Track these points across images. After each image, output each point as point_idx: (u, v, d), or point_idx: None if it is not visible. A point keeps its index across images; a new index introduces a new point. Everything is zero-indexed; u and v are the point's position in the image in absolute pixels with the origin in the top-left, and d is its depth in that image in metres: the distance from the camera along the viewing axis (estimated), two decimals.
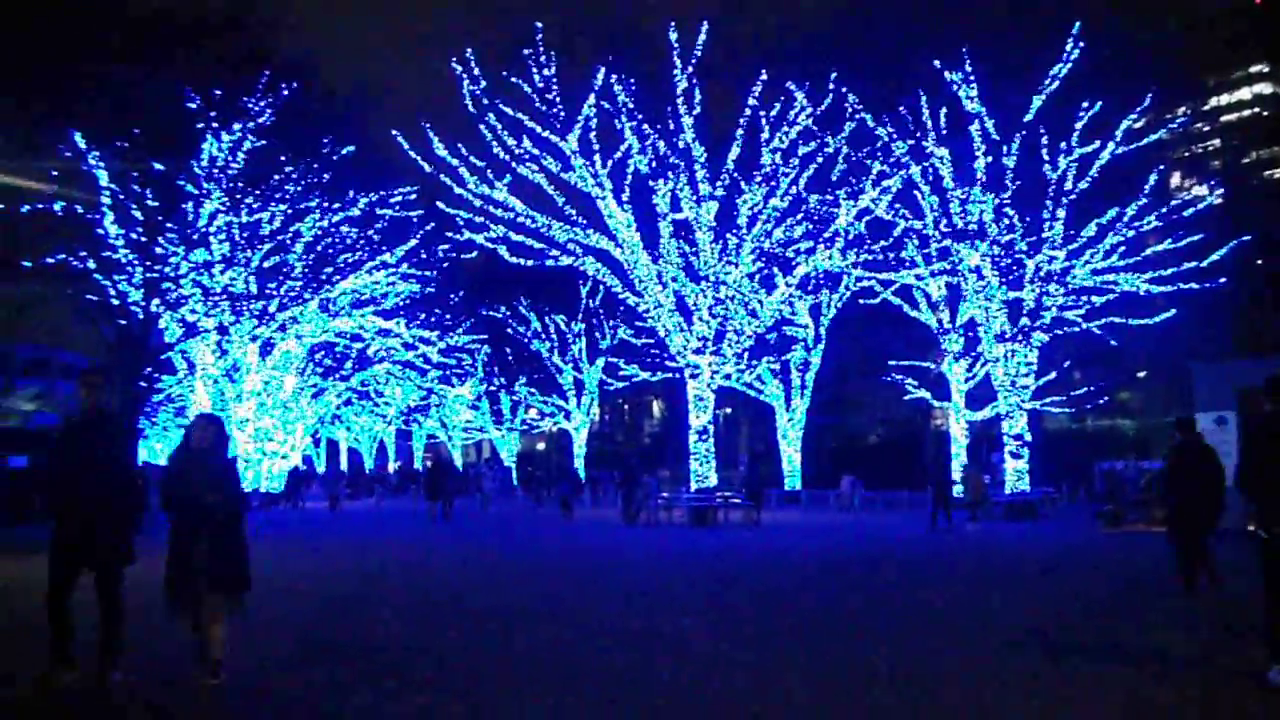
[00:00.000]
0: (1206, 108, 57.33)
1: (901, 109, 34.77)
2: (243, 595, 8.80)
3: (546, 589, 15.70)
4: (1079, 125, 33.90)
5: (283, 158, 40.03)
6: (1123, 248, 34.67)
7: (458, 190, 32.27)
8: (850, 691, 8.44)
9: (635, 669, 9.37)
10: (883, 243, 35.50)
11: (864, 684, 8.68)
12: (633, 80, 31.37)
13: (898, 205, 35.16)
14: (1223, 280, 34.30)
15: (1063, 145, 34.31)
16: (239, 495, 8.96)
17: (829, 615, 12.80)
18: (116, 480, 8.78)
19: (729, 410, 61.33)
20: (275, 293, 41.52)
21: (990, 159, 34.58)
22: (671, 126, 31.88)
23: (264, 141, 38.93)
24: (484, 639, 11.00)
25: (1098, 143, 34.03)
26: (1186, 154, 51.91)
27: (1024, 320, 34.88)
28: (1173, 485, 14.67)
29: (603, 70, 30.88)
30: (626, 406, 78.33)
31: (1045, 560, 19.86)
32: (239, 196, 39.44)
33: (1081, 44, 32.74)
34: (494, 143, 31.63)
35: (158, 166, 37.01)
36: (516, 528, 31.34)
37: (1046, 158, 34.39)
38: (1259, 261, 42.58)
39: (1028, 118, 33.90)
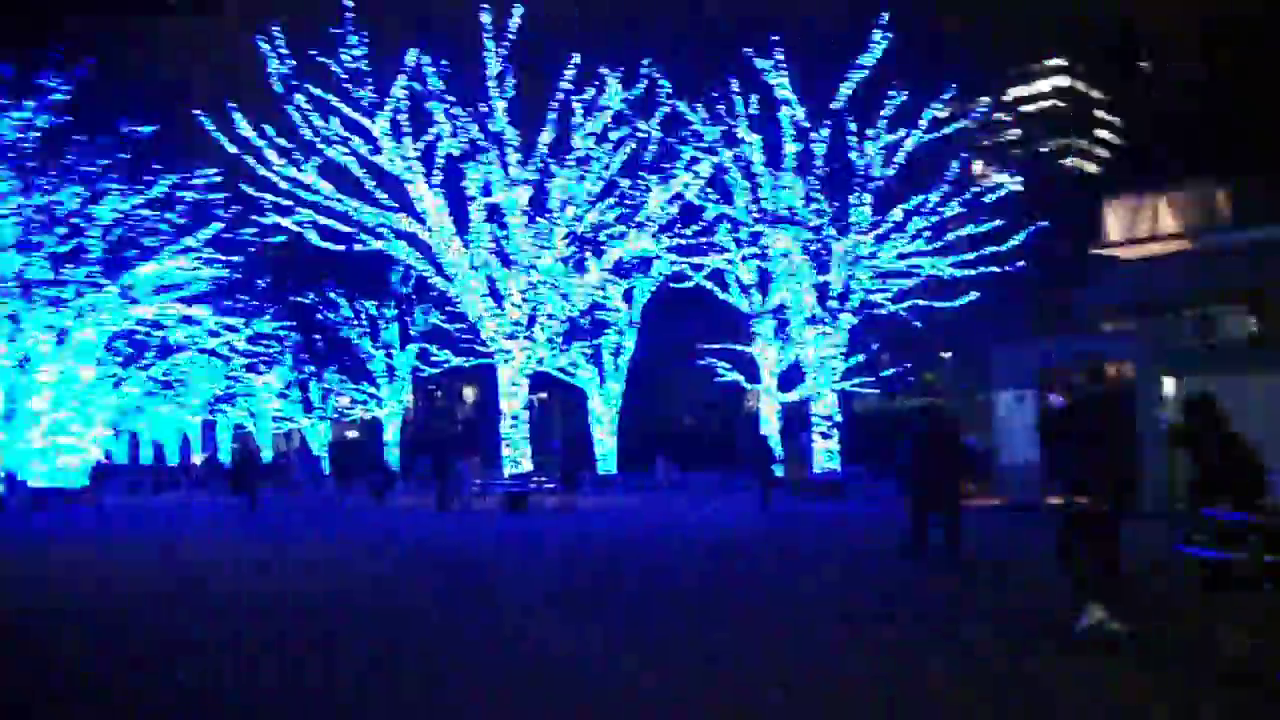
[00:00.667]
0: (1007, 98, 59.63)
1: (713, 94, 35.14)
2: None
3: (345, 582, 15.41)
4: (886, 113, 34.76)
5: (78, 137, 38.34)
6: (927, 232, 35.66)
7: (263, 172, 31.29)
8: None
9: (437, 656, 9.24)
10: (695, 227, 35.79)
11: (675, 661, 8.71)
12: (445, 62, 30.90)
13: (709, 190, 35.50)
14: (1021, 264, 35.57)
15: (870, 132, 35.12)
16: None
17: (642, 596, 12.85)
18: None
19: (543, 395, 61.26)
20: (72, 278, 39.74)
21: (800, 145, 35.19)
22: (484, 109, 31.52)
23: (58, 119, 37.28)
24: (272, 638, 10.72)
25: (903, 131, 34.95)
26: (988, 143, 53.86)
27: (832, 303, 35.62)
28: (919, 465, 15.81)
29: (413, 51, 30.33)
30: (439, 393, 77.57)
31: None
32: (31, 177, 37.69)
33: (889, 33, 33.54)
34: (302, 123, 30.76)
35: None
36: (326, 518, 30.70)
37: (855, 144, 35.16)
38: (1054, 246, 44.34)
39: (836, 105, 34.60)
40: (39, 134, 37.27)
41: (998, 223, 35.78)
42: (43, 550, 22.41)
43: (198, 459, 78.05)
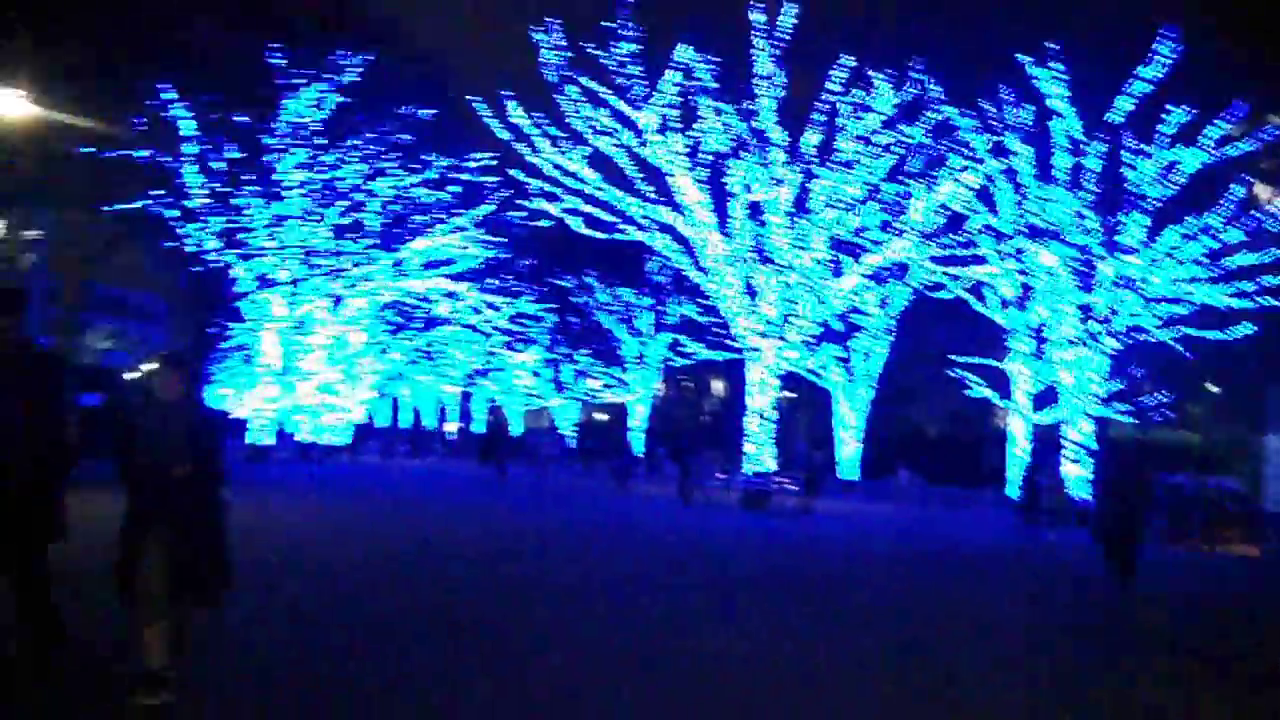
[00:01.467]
0: None
1: (985, 104, 34.32)
2: (220, 594, 7.13)
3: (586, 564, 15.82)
4: (1166, 130, 33.28)
5: (362, 117, 40.28)
6: (1204, 258, 33.96)
7: (532, 159, 32.23)
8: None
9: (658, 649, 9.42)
10: (956, 237, 35.04)
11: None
12: (715, 58, 31.13)
13: (975, 199, 34.66)
14: None
15: (1148, 149, 33.70)
16: (217, 465, 7.07)
17: (875, 614, 12.79)
18: (42, 433, 7.12)
19: (790, 394, 61.09)
20: (349, 249, 41.88)
21: (1072, 159, 34.07)
22: (751, 107, 31.60)
23: (346, 100, 39.21)
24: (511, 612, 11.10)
25: (1184, 149, 33.36)
26: (1276, 166, 50.70)
27: (1095, 325, 34.40)
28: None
29: (683, 47, 30.65)
30: (689, 383, 78.12)
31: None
32: (318, 153, 39.79)
33: (1174, 46, 32.09)
34: (572, 114, 31.53)
35: (240, 119, 37.53)
36: (570, 500, 31.47)
37: (1130, 161, 33.80)
38: None
39: (1113, 118, 33.33)
40: (329, 113, 39.20)
41: None
42: (318, 501, 23.66)
43: (451, 427, 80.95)
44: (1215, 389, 47.67)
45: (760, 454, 32.58)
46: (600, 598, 12.44)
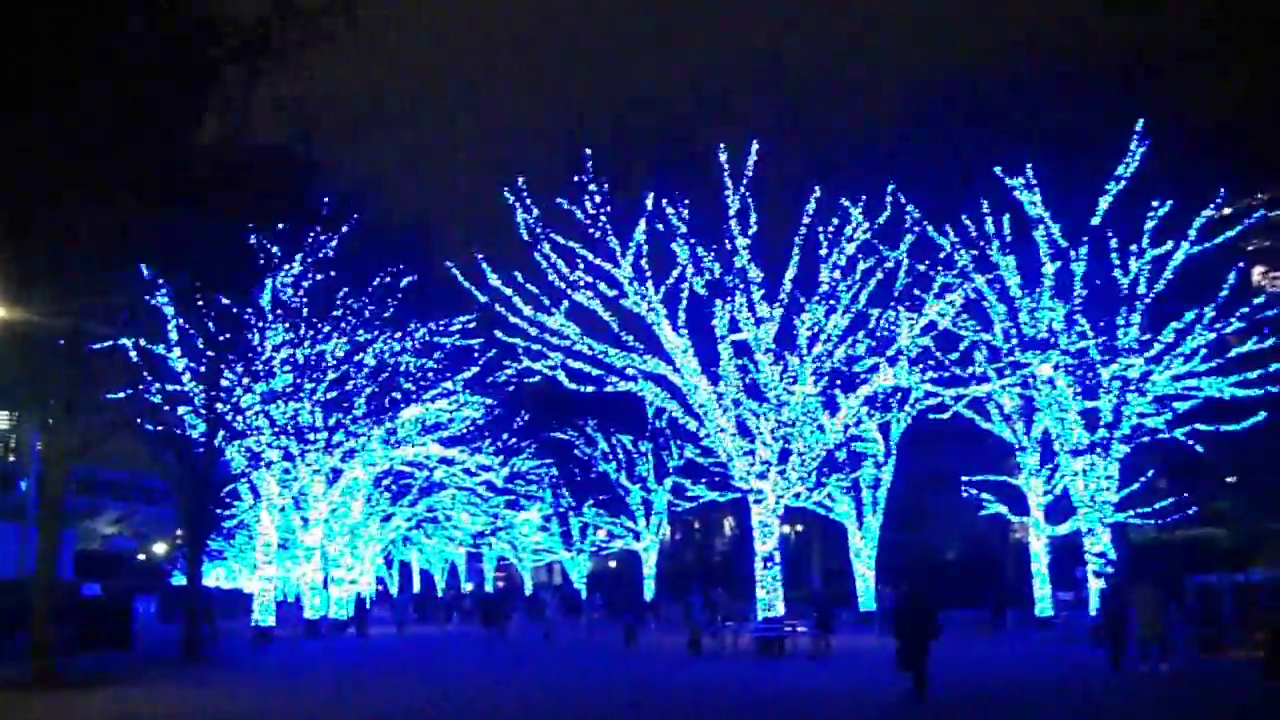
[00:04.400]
0: None
1: (963, 218, 34.07)
2: None
3: None
4: (1149, 225, 32.92)
5: (344, 290, 40.12)
6: (1204, 350, 33.30)
7: (513, 319, 31.94)
8: None
9: None
10: (951, 355, 34.43)
11: None
12: (685, 202, 31.01)
13: (964, 316, 34.17)
14: None
15: (1133, 247, 33.33)
16: None
17: None
18: None
19: (799, 528, 60.10)
20: (340, 423, 41.43)
21: (1058, 265, 33.71)
22: (727, 247, 31.36)
23: (325, 275, 39.08)
24: None
25: (1170, 243, 32.97)
26: (1268, 243, 50.19)
27: (1102, 431, 33.65)
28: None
29: (653, 194, 30.55)
30: (697, 525, 77.17)
31: None
32: (302, 329, 39.54)
33: (1147, 140, 31.93)
34: (549, 270, 31.31)
35: (223, 301, 37.30)
36: (577, 657, 30.60)
37: (1117, 261, 33.40)
38: None
39: (1095, 220, 33.05)
40: (308, 288, 39.06)
41: None
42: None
43: (467, 588, 79.89)
44: (1233, 480, 46.64)
45: (771, 599, 31.54)
46: None
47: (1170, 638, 25.26)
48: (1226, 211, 34.22)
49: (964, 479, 39.30)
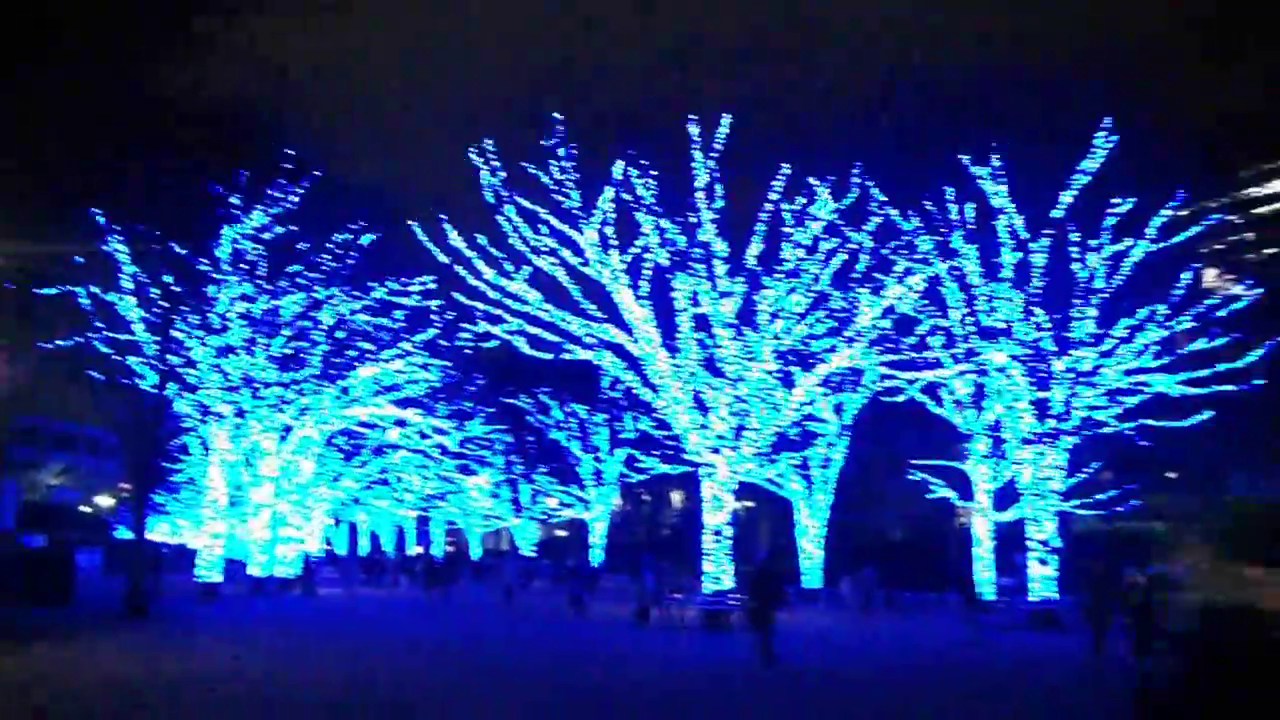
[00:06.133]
0: (1243, 199, 56.03)
1: (928, 204, 34.20)
2: None
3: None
4: (1110, 222, 33.23)
5: (303, 246, 39.78)
6: (1155, 347, 33.73)
7: (473, 281, 31.73)
8: None
9: None
10: (908, 340, 34.60)
11: None
12: (653, 173, 30.91)
13: (923, 301, 34.34)
14: (1259, 383, 33.13)
15: (1093, 242, 33.61)
16: None
17: None
18: None
19: (749, 504, 60.36)
20: (293, 380, 41.13)
21: (1018, 256, 33.93)
22: (692, 220, 31.32)
23: (285, 229, 38.74)
24: None
25: (1129, 240, 33.30)
26: (1221, 248, 50.76)
27: (1051, 422, 33.99)
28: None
29: (621, 163, 30.44)
30: (647, 497, 77.35)
31: None
32: (260, 283, 39.19)
33: (1113, 138, 32.17)
34: (512, 234, 31.14)
35: (179, 250, 36.86)
36: (526, 625, 30.61)
37: (1076, 255, 33.67)
38: None
39: (1057, 214, 33.28)
40: (266, 243, 38.71)
41: (1233, 337, 33.47)
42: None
43: (415, 552, 79.65)
44: (1173, 475, 47.15)
45: (719, 572, 31.66)
46: None
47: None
48: (1184, 213, 34.62)
49: (912, 462, 39.46)
